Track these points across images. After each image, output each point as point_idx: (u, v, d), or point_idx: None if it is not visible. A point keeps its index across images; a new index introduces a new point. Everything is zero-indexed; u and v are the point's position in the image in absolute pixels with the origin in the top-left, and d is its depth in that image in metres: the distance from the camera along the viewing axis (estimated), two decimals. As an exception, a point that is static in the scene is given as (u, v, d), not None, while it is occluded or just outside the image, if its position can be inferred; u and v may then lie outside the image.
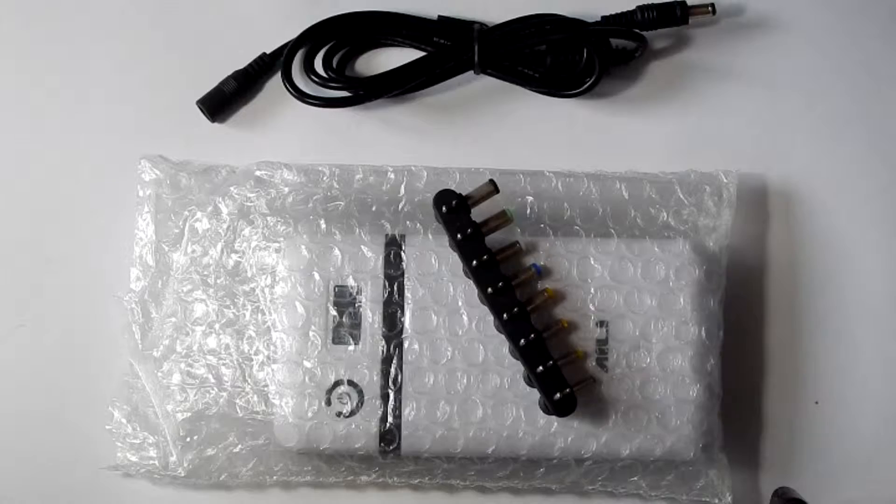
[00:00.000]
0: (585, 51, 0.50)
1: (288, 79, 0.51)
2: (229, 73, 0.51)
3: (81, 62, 0.52)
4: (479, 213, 0.45)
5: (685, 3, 0.51)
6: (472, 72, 0.51)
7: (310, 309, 0.46)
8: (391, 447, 0.45)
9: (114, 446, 0.48)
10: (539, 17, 0.51)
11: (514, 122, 0.52)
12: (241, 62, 0.52)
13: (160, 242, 0.49)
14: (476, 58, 0.50)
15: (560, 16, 0.51)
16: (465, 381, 0.45)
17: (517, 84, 0.51)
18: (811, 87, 0.53)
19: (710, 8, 0.51)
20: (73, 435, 0.49)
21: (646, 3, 0.51)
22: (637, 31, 0.51)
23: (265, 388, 0.47)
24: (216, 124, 0.52)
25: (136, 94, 0.52)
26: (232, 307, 0.48)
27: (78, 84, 0.52)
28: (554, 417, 0.45)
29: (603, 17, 0.52)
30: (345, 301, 0.46)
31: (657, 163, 0.50)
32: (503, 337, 0.45)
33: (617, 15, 0.52)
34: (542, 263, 0.46)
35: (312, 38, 0.51)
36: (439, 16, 0.52)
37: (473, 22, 0.52)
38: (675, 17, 0.51)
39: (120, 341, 0.48)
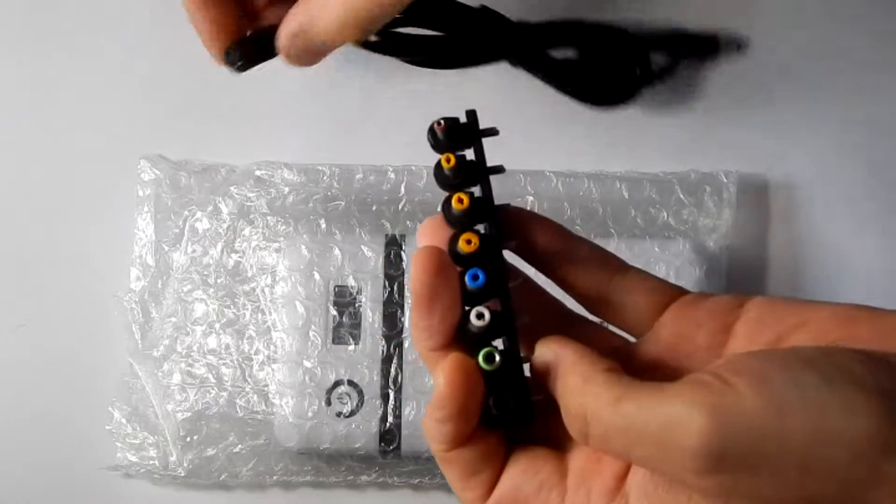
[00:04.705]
0: (628, 63, 0.49)
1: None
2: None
3: (81, 61, 0.52)
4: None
5: None
6: (472, 72, 0.50)
7: (310, 309, 0.46)
8: (391, 447, 0.45)
9: (114, 446, 0.47)
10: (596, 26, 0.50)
11: (514, 122, 0.52)
12: (241, 62, 0.51)
13: (160, 242, 0.49)
14: (509, 51, 0.48)
15: (610, 25, 0.50)
16: (465, 381, 0.45)
17: (556, 89, 0.50)
18: (811, 87, 0.53)
19: None
20: (73, 435, 0.49)
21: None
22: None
23: (265, 388, 0.47)
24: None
25: (136, 94, 0.52)
26: (232, 307, 0.48)
27: (78, 83, 0.52)
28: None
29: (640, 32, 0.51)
30: (345, 301, 0.46)
31: (657, 163, 0.50)
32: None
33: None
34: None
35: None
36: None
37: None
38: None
39: (120, 341, 0.48)
